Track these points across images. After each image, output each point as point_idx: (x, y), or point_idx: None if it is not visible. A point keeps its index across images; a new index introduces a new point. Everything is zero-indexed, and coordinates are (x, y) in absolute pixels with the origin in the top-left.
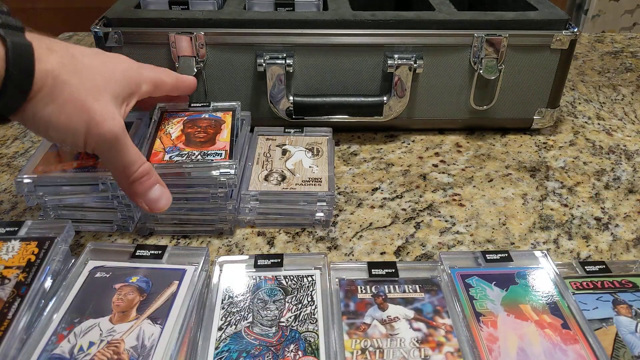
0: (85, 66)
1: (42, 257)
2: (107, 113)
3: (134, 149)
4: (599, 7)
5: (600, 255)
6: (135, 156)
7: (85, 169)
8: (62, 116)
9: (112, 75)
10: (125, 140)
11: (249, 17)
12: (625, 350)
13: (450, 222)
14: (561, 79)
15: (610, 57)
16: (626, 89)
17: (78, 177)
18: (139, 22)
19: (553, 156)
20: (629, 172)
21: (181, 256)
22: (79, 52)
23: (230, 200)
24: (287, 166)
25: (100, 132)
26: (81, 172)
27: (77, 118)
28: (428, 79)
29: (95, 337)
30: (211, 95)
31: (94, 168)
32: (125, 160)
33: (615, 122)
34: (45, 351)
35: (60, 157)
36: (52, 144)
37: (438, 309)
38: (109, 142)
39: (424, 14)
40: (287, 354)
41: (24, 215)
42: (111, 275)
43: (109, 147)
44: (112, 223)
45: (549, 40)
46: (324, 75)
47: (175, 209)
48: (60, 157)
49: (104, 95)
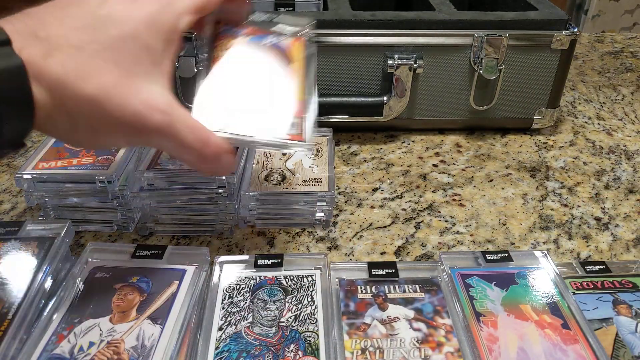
0: (98, 48)
1: (42, 257)
2: (144, 107)
3: (193, 131)
4: (599, 7)
5: (601, 255)
6: (195, 140)
7: (84, 166)
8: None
9: (134, 45)
10: (176, 126)
11: None
12: (625, 350)
13: (450, 222)
14: (561, 79)
15: (610, 57)
16: (626, 89)
17: (78, 174)
18: None
19: (553, 156)
20: (629, 172)
21: (181, 256)
22: (80, 28)
23: (230, 201)
24: (287, 166)
25: (142, 134)
26: (81, 169)
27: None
28: (428, 79)
29: (96, 337)
30: None
31: (93, 165)
32: (185, 145)
33: (616, 122)
34: (45, 351)
35: (61, 154)
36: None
37: (438, 309)
38: (159, 136)
39: (424, 14)
40: (287, 354)
41: (24, 216)
42: (111, 275)
43: (159, 140)
44: (112, 223)
45: (549, 40)
46: (324, 76)
47: (175, 209)
48: (62, 154)
49: (134, 82)
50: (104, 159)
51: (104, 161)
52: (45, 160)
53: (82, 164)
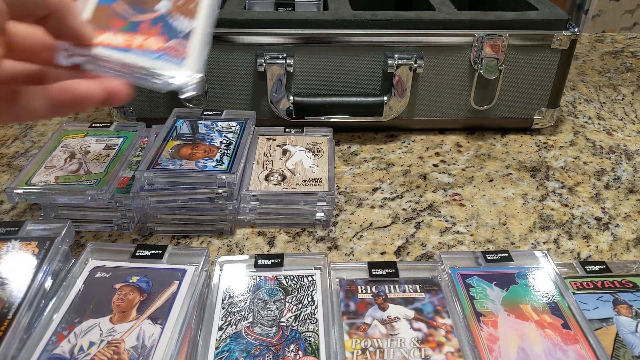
0: None
1: (42, 257)
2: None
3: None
4: (599, 7)
5: (601, 255)
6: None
7: (147, 53)
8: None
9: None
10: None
11: (249, 17)
12: (626, 350)
13: (450, 222)
14: (561, 78)
15: (611, 57)
16: (626, 89)
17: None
18: None
19: (553, 156)
20: (629, 172)
21: (181, 256)
22: None
23: (231, 200)
24: (288, 166)
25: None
26: (143, 56)
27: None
28: (428, 79)
29: (96, 337)
30: (212, 95)
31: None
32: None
33: (616, 122)
34: (46, 351)
35: (115, 21)
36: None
37: (438, 309)
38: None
39: (425, 14)
40: (287, 354)
41: (24, 215)
42: (111, 275)
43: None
44: (112, 223)
45: (549, 40)
46: (325, 75)
47: (175, 208)
48: (116, 21)
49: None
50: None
51: (176, 48)
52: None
53: (144, 49)
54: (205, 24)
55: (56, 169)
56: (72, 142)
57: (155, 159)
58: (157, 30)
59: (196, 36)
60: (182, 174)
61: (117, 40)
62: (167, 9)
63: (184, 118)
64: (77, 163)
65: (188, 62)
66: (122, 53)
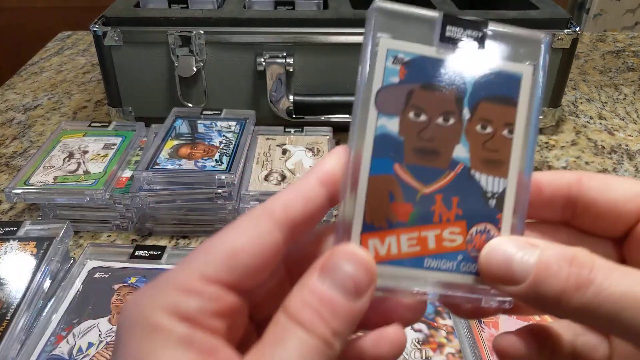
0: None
1: (40, 258)
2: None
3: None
4: (601, 6)
5: None
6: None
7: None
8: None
9: None
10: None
11: (249, 15)
12: None
13: None
14: (563, 78)
15: (612, 57)
16: (628, 89)
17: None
18: (138, 20)
19: (555, 156)
20: (631, 172)
21: (180, 256)
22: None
23: (230, 201)
24: (287, 166)
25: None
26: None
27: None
28: None
29: (95, 338)
30: (211, 95)
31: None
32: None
33: (617, 121)
34: (44, 352)
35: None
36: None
37: (439, 310)
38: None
39: None
40: None
41: (23, 216)
42: (110, 275)
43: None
44: (110, 223)
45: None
46: (325, 75)
47: (174, 209)
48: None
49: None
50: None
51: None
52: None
53: (441, 252)
54: (524, 175)
55: (55, 168)
56: (70, 142)
57: (154, 158)
58: (453, 210)
59: (510, 206)
60: (181, 174)
61: (404, 248)
62: (466, 161)
63: (183, 117)
64: (76, 163)
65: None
66: (413, 269)
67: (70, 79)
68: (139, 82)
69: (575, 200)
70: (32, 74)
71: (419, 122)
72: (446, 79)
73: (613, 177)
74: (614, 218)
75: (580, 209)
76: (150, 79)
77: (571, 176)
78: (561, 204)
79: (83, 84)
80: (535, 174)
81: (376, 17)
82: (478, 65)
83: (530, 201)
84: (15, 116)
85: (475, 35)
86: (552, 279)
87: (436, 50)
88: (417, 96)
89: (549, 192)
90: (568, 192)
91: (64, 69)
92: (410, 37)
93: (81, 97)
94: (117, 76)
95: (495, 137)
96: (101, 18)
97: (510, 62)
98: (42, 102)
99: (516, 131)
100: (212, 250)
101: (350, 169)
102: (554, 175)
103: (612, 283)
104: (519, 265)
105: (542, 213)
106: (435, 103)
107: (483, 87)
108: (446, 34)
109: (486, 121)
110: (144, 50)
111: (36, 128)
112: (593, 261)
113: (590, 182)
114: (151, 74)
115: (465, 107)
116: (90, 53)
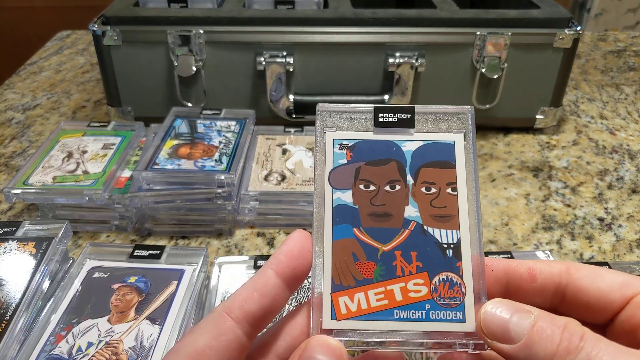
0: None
1: (39, 258)
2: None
3: None
4: (602, 6)
5: (604, 256)
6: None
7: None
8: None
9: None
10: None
11: (249, 15)
12: None
13: None
14: (564, 77)
15: (613, 56)
16: (629, 88)
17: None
18: (138, 20)
19: (556, 156)
20: (632, 172)
21: (180, 256)
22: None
23: (230, 201)
24: (287, 166)
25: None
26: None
27: None
28: (430, 78)
29: (94, 338)
30: (211, 94)
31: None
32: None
33: (619, 121)
34: (44, 352)
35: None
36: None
37: None
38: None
39: (426, 12)
40: None
41: (22, 216)
42: (109, 275)
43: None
44: (110, 223)
45: (551, 38)
46: (325, 74)
47: (173, 209)
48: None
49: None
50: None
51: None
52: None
53: (408, 303)
54: (475, 225)
55: (54, 168)
56: (69, 142)
57: (154, 158)
58: (413, 263)
59: (467, 254)
60: (181, 174)
61: (373, 302)
62: (417, 219)
63: (182, 117)
64: (75, 163)
65: (469, 303)
66: (384, 321)
67: (70, 79)
68: (138, 82)
69: (565, 289)
70: (31, 73)
71: (369, 191)
72: (386, 154)
73: (599, 268)
74: (602, 305)
75: (570, 296)
76: (149, 79)
77: (560, 266)
78: (551, 291)
79: (82, 84)
80: (528, 263)
81: (321, 116)
82: (413, 140)
83: (524, 288)
84: (14, 116)
85: (406, 117)
86: (545, 342)
87: (373, 134)
88: (364, 171)
89: (541, 280)
90: (559, 280)
91: (63, 69)
92: (351, 127)
93: (80, 97)
94: (117, 76)
95: (440, 195)
96: (100, 17)
97: (442, 133)
98: (41, 102)
99: (459, 188)
100: (180, 353)
101: (315, 237)
102: (545, 265)
103: (599, 352)
104: (515, 326)
105: (534, 299)
106: (380, 175)
107: (421, 156)
108: (379, 120)
109: (429, 183)
110: (143, 49)
111: (35, 128)
112: (583, 331)
113: (578, 272)
114: (150, 74)
115: (408, 175)
116: (89, 52)
